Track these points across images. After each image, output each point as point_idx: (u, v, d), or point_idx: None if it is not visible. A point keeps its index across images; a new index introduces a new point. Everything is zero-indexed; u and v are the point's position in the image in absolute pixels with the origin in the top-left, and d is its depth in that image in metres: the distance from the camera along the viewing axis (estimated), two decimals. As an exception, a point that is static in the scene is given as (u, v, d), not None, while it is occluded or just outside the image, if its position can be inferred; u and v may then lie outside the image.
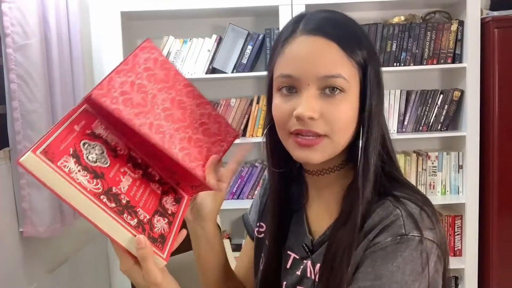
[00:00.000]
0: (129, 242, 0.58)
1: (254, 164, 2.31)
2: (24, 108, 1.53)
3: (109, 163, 0.63)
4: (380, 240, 0.62)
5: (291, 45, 0.66)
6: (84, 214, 0.56)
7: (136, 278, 0.60)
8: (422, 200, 0.66)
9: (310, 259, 0.73)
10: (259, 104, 2.26)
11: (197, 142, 0.74)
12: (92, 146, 0.61)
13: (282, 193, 0.79)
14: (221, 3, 2.11)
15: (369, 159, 0.66)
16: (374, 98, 0.67)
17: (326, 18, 0.67)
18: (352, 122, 0.66)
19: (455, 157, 2.29)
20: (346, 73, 0.64)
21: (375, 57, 0.68)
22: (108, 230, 0.57)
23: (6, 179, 1.56)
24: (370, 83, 0.66)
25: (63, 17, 1.75)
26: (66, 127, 0.59)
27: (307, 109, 0.63)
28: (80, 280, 2.01)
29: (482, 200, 2.22)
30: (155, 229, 0.63)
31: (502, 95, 2.12)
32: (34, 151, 0.53)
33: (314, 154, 0.66)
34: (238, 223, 2.42)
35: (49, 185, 0.54)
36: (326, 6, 2.15)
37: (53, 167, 0.54)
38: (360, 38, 0.67)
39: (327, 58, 0.64)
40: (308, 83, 0.64)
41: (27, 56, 1.52)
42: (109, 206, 0.57)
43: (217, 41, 2.21)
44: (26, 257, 1.65)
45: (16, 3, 1.50)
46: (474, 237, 2.23)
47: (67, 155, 0.57)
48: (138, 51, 0.71)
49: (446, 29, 2.19)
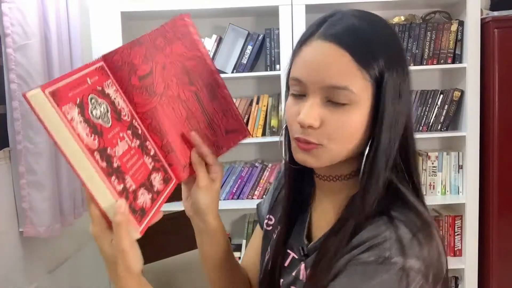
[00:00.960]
0: (110, 205, 0.58)
1: (254, 164, 2.31)
2: (24, 108, 1.53)
3: (111, 124, 0.63)
4: (363, 257, 0.61)
5: (306, 48, 0.65)
6: (73, 165, 0.56)
7: (104, 245, 0.59)
8: (421, 225, 0.63)
9: (304, 262, 0.73)
10: (259, 104, 2.26)
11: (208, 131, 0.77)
12: (98, 103, 0.62)
13: (295, 190, 0.79)
14: (221, 3, 2.12)
15: (374, 173, 0.64)
16: (389, 111, 0.63)
17: (348, 25, 0.64)
18: (357, 134, 0.64)
19: (455, 157, 2.29)
20: (354, 85, 0.62)
21: (396, 68, 0.64)
22: (92, 188, 0.57)
23: (6, 179, 1.56)
24: (385, 96, 0.63)
25: (63, 17, 1.75)
26: (80, 77, 0.59)
27: (307, 117, 0.63)
28: (80, 280, 2.01)
29: (482, 200, 2.22)
30: (137, 201, 0.62)
31: (502, 95, 2.12)
32: (44, 89, 0.53)
33: (311, 159, 0.66)
34: (238, 223, 2.42)
35: (48, 127, 0.54)
36: (326, 6, 2.15)
37: (57, 109, 0.54)
38: (379, 48, 0.63)
39: (335, 67, 0.62)
40: (315, 90, 0.64)
41: (27, 56, 1.52)
42: (100, 164, 0.57)
43: (217, 41, 2.21)
44: (26, 257, 1.65)
45: (16, 3, 1.50)
46: (474, 237, 2.23)
47: (73, 103, 0.56)
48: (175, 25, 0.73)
49: (446, 29, 2.19)
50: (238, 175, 2.29)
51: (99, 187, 0.57)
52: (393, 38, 0.67)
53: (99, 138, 0.59)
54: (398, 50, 0.66)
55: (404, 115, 0.66)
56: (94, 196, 0.57)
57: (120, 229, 0.57)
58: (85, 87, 0.60)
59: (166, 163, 0.73)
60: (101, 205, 0.58)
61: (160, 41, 0.72)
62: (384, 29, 0.66)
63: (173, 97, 0.73)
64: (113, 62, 0.68)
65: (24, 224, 1.57)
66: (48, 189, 1.57)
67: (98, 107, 0.61)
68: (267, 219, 0.86)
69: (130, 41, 0.70)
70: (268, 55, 2.21)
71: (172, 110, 0.73)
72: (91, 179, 0.57)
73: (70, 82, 0.57)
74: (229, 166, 2.30)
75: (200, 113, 0.76)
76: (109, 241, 0.59)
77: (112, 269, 0.60)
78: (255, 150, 2.45)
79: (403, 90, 0.65)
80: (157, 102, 0.71)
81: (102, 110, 0.62)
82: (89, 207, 0.59)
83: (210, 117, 0.77)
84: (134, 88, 0.69)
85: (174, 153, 0.73)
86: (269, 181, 2.30)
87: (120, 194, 0.59)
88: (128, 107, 0.68)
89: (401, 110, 0.65)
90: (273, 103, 2.26)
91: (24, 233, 1.57)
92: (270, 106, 2.26)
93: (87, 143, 0.56)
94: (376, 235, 0.61)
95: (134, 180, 0.63)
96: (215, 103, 0.77)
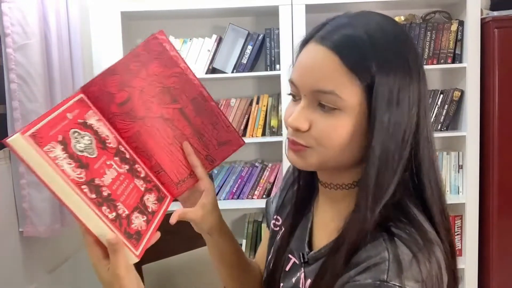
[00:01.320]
0: (102, 234, 0.59)
1: (254, 164, 2.31)
2: (24, 108, 1.53)
3: (96, 154, 0.63)
4: (359, 279, 0.58)
5: (303, 51, 0.65)
6: (63, 200, 0.57)
7: (101, 272, 0.61)
8: (422, 244, 0.59)
9: (304, 272, 0.72)
10: (259, 104, 2.26)
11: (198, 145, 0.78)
12: (81, 135, 0.63)
13: (302, 194, 0.78)
14: (221, 3, 2.11)
15: (366, 186, 0.61)
16: (381, 118, 0.59)
17: (342, 27, 0.61)
18: (348, 140, 0.61)
19: (455, 157, 2.29)
20: (342, 90, 0.59)
21: (393, 73, 0.59)
22: (84, 219, 0.58)
23: (6, 179, 1.56)
24: (376, 102, 0.59)
25: (63, 17, 1.75)
26: (59, 113, 0.61)
27: (295, 120, 0.63)
28: (80, 280, 2.01)
29: (482, 200, 2.22)
30: (132, 225, 0.63)
31: (502, 95, 2.12)
32: (23, 133, 0.54)
33: (298, 160, 0.66)
34: (238, 223, 2.42)
35: (33, 168, 0.56)
36: (326, 6, 2.15)
37: (39, 151, 0.55)
38: (372, 51, 0.59)
39: (323, 71, 0.60)
40: (305, 93, 0.63)
41: (27, 56, 1.52)
42: (89, 196, 0.58)
43: (217, 41, 2.21)
44: (26, 257, 1.65)
45: (16, 3, 1.50)
46: (474, 237, 2.23)
47: (55, 141, 0.58)
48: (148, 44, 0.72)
49: (446, 29, 2.19)
50: (238, 175, 2.29)
51: (91, 217, 0.58)
52: (395, 40, 0.61)
53: (85, 171, 0.60)
54: (400, 54, 0.61)
55: (405, 125, 0.61)
56: (88, 226, 0.59)
57: (115, 257, 0.59)
58: (66, 123, 0.61)
59: (159, 182, 0.74)
60: (96, 235, 0.59)
61: (134, 65, 0.71)
62: (384, 31, 0.61)
63: (156, 118, 0.73)
64: (91, 92, 0.69)
65: (24, 224, 1.57)
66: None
67: (81, 140, 0.62)
68: (274, 220, 0.86)
69: (104, 70, 0.70)
70: (268, 55, 2.21)
71: (157, 131, 0.74)
72: (82, 211, 0.58)
73: (49, 121, 0.58)
74: (229, 166, 2.30)
75: (188, 129, 0.76)
76: (106, 268, 0.61)
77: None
78: (255, 150, 2.45)
79: (402, 97, 0.60)
80: (140, 126, 0.72)
81: (85, 142, 0.63)
82: (84, 239, 0.60)
83: (199, 132, 0.77)
84: (114, 115, 0.70)
85: (163, 172, 0.74)
86: (269, 181, 2.30)
87: (113, 222, 0.60)
88: (113, 133, 0.69)
89: (399, 119, 0.60)
90: (273, 103, 2.26)
91: (24, 233, 1.57)
92: (270, 106, 2.26)
93: (74, 178, 0.58)
94: (374, 255, 0.59)
95: (127, 205, 0.64)
96: (203, 116, 0.77)
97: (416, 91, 0.61)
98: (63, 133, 0.60)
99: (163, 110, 0.74)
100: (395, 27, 0.64)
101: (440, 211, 0.66)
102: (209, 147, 0.78)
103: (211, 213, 0.78)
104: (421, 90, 0.62)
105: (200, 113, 0.76)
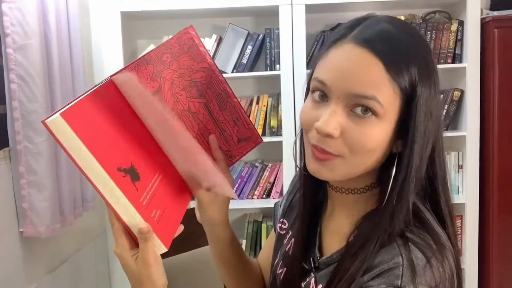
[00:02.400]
0: (134, 223, 0.59)
1: (254, 164, 2.31)
2: (24, 108, 1.53)
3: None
4: (373, 284, 0.57)
5: (336, 50, 0.61)
6: (97, 187, 0.56)
7: (128, 262, 0.60)
8: (437, 250, 0.59)
9: (314, 276, 0.70)
10: (259, 104, 2.26)
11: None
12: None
13: (310, 200, 0.76)
14: (221, 3, 2.11)
15: (403, 197, 0.60)
16: (421, 130, 0.59)
17: (383, 31, 0.60)
18: (379, 148, 0.60)
19: (455, 157, 2.29)
20: (383, 97, 0.58)
21: (429, 84, 0.60)
22: (115, 205, 0.58)
23: (6, 179, 1.56)
24: (418, 113, 0.58)
25: (63, 17, 1.75)
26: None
27: (328, 125, 0.59)
28: (80, 280, 2.01)
29: (482, 200, 2.22)
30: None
31: (502, 95, 2.12)
32: (62, 115, 0.53)
33: (325, 171, 0.62)
34: (238, 223, 2.42)
35: (68, 150, 0.54)
36: (326, 6, 2.15)
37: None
38: (414, 60, 0.59)
39: (366, 76, 0.58)
40: (339, 96, 0.59)
41: (27, 56, 1.52)
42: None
43: (217, 41, 2.21)
44: (26, 257, 1.65)
45: (16, 3, 1.50)
46: (474, 237, 2.23)
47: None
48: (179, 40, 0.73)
49: (446, 29, 2.19)
50: (238, 175, 2.29)
51: (122, 203, 0.58)
52: (427, 50, 0.62)
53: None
54: (431, 64, 0.61)
55: (433, 135, 0.62)
56: (118, 212, 0.58)
57: (146, 244, 0.58)
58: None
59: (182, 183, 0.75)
60: (127, 223, 0.59)
61: (167, 56, 0.72)
62: (419, 40, 0.62)
63: (184, 110, 0.75)
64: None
65: (24, 224, 1.57)
66: (48, 189, 1.57)
67: None
68: (281, 223, 0.85)
69: (136, 59, 0.71)
70: (268, 55, 2.21)
71: (183, 124, 0.75)
72: (113, 196, 0.57)
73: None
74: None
75: (211, 124, 0.77)
76: (133, 258, 0.60)
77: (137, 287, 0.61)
78: (255, 150, 2.43)
79: (434, 107, 0.60)
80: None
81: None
82: (113, 227, 0.60)
83: (221, 127, 0.78)
84: None
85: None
86: (269, 181, 2.30)
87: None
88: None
89: (432, 129, 0.61)
90: (273, 103, 2.26)
91: (24, 233, 1.57)
92: (270, 106, 2.26)
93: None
94: (388, 260, 0.58)
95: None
96: (226, 112, 0.78)
97: (439, 100, 0.63)
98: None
99: (190, 104, 0.75)
100: (424, 39, 0.65)
101: (450, 216, 0.66)
102: (229, 143, 0.79)
103: (220, 205, 0.79)
104: (440, 99, 0.63)
105: (223, 109, 0.77)
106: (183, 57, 0.73)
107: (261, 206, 2.29)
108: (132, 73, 0.61)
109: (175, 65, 0.73)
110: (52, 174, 1.59)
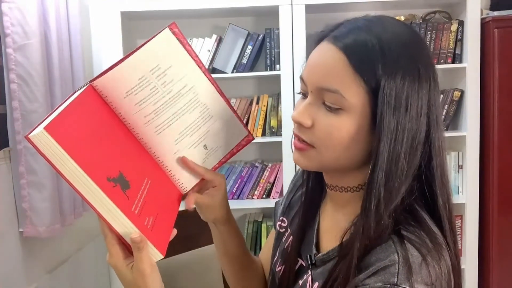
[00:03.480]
0: (126, 232, 0.58)
1: (254, 164, 2.31)
2: (24, 108, 1.53)
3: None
4: (369, 283, 0.58)
5: (316, 48, 0.66)
6: (88, 199, 0.55)
7: (123, 272, 0.60)
8: (433, 248, 0.59)
9: (311, 274, 0.71)
10: (258, 104, 2.26)
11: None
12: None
13: (311, 196, 0.77)
14: (221, 3, 2.11)
15: (371, 191, 0.60)
16: (387, 122, 0.58)
17: (354, 28, 0.62)
18: (351, 143, 0.61)
19: (455, 157, 2.29)
20: (347, 90, 0.59)
21: (402, 77, 0.59)
22: (107, 215, 0.56)
23: (6, 179, 1.56)
24: (382, 105, 0.58)
25: (63, 17, 1.75)
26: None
27: (299, 114, 0.64)
28: (80, 280, 2.01)
29: (482, 200, 2.22)
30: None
31: (502, 95, 2.12)
32: (47, 128, 0.51)
33: (302, 160, 0.66)
34: (238, 223, 2.40)
35: (52, 162, 0.53)
36: (326, 6, 2.15)
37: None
38: (379, 53, 0.59)
39: (331, 70, 0.61)
40: (311, 90, 0.64)
41: (27, 56, 1.52)
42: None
43: (217, 41, 2.21)
44: (26, 257, 1.65)
45: (16, 3, 1.50)
46: (474, 237, 2.23)
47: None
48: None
49: (446, 29, 2.19)
50: (238, 175, 2.29)
51: (115, 214, 0.57)
52: (407, 47, 0.61)
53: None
54: (411, 61, 0.60)
55: (414, 131, 0.60)
56: (111, 224, 0.57)
57: (140, 255, 0.58)
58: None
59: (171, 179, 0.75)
60: (120, 233, 0.58)
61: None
62: (397, 37, 0.61)
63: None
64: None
65: (24, 224, 1.57)
66: (48, 189, 1.57)
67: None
68: (280, 221, 0.86)
69: (115, 63, 0.67)
70: (268, 55, 2.21)
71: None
72: (105, 207, 0.56)
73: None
74: (229, 166, 2.30)
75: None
76: (129, 268, 0.59)
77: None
78: (255, 150, 2.45)
79: (411, 103, 0.59)
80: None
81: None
82: (106, 238, 0.59)
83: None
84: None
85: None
86: (269, 181, 2.30)
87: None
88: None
89: (408, 125, 0.59)
90: (273, 103, 2.26)
91: (24, 233, 1.57)
92: (270, 106, 2.26)
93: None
94: (383, 258, 0.58)
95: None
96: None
97: (425, 99, 0.61)
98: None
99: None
100: (411, 35, 0.63)
101: (448, 218, 0.65)
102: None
103: (219, 204, 0.82)
104: (431, 98, 0.61)
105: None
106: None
107: (261, 206, 2.29)
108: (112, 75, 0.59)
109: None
110: (52, 174, 1.59)
